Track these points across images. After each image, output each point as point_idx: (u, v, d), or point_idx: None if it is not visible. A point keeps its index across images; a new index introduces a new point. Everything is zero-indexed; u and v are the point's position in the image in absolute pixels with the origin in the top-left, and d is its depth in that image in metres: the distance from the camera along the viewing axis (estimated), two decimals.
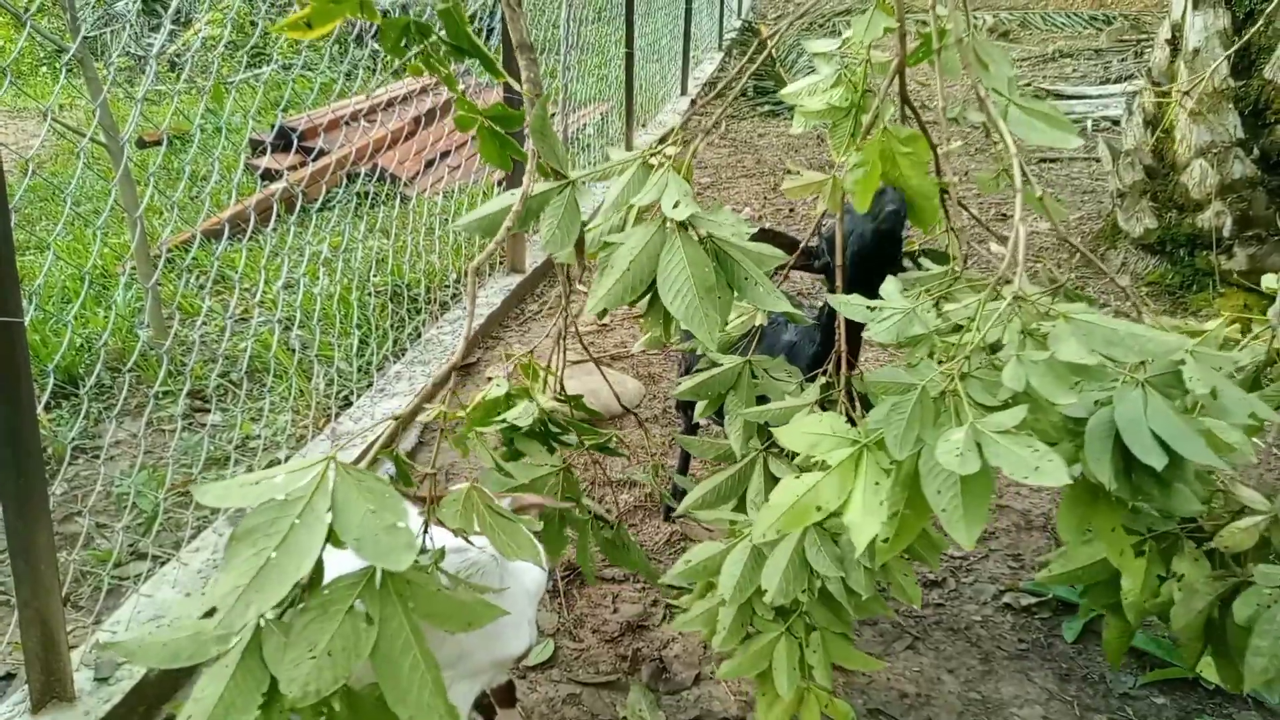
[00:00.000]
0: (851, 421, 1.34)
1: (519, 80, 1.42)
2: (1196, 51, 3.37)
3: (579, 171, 1.45)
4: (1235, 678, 1.50)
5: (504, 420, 1.60)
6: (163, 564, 1.99)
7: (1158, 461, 1.15)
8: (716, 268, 1.30)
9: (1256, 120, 3.27)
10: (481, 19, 5.10)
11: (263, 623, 0.96)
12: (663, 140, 1.50)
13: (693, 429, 2.17)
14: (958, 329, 1.29)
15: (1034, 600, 2.13)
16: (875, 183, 1.46)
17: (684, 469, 2.31)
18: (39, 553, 1.53)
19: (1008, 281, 1.23)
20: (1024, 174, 1.28)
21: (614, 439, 1.84)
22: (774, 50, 8.65)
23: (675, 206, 1.30)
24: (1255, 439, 1.50)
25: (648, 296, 1.34)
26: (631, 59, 5.75)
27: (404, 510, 0.97)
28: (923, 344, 1.25)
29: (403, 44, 1.12)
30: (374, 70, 4.73)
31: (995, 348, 1.24)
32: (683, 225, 1.29)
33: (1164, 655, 1.92)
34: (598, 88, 6.05)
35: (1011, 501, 2.51)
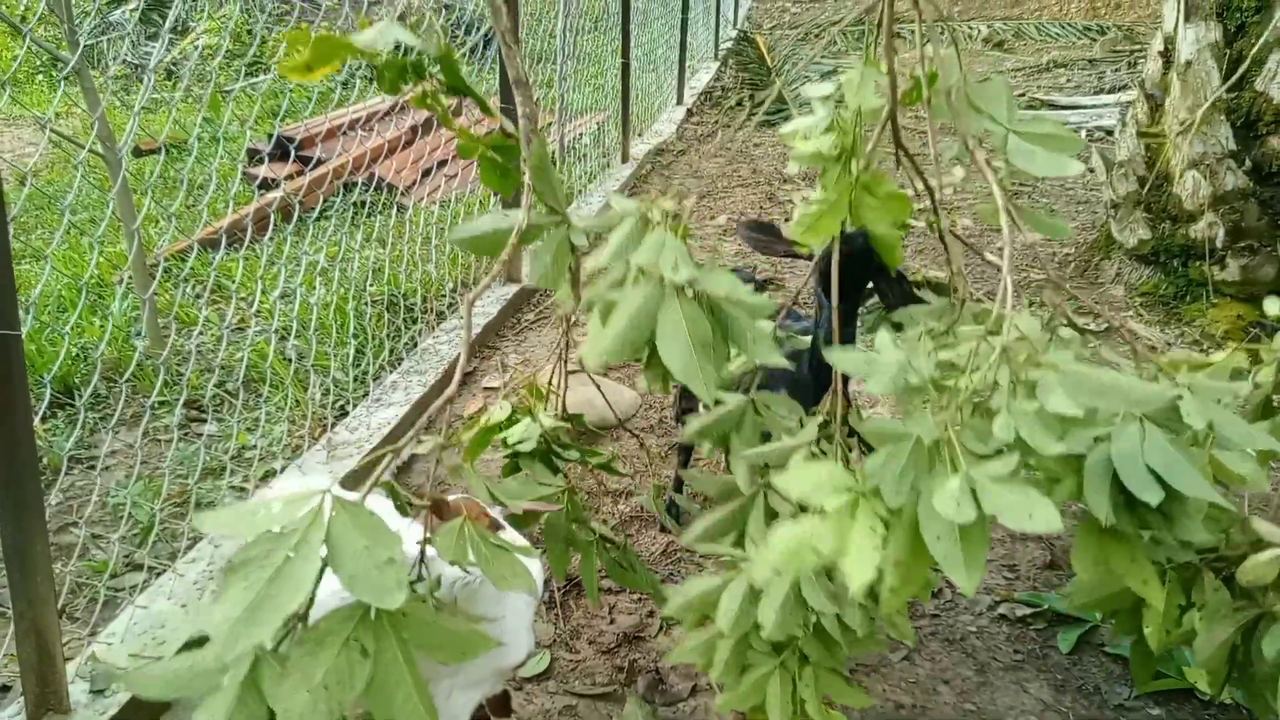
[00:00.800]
0: (850, 459, 1.36)
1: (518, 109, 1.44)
2: (1189, 64, 3.40)
3: (576, 216, 1.46)
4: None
5: (505, 441, 1.62)
6: (159, 575, 1.99)
7: (1153, 497, 1.16)
8: (713, 322, 1.32)
9: (1248, 132, 3.29)
10: (484, 31, 5.12)
11: (260, 654, 0.97)
12: (659, 154, 1.50)
13: (687, 449, 2.19)
14: (952, 375, 1.31)
15: (1029, 611, 2.14)
16: (835, 223, 1.46)
17: (679, 486, 2.33)
18: (35, 564, 1.53)
19: (994, 329, 1.24)
20: (1012, 220, 1.29)
21: (616, 458, 1.85)
22: (770, 60, 8.69)
23: (674, 269, 1.31)
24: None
25: (647, 351, 1.36)
26: (628, 69, 5.77)
27: (398, 545, 0.98)
28: (918, 395, 1.26)
29: (401, 83, 1.13)
30: (370, 80, 4.75)
31: (989, 391, 1.26)
32: (680, 287, 1.31)
33: (1159, 667, 1.93)
34: (594, 97, 6.07)
35: None
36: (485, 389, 3.11)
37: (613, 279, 1.38)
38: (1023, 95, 7.47)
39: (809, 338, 1.81)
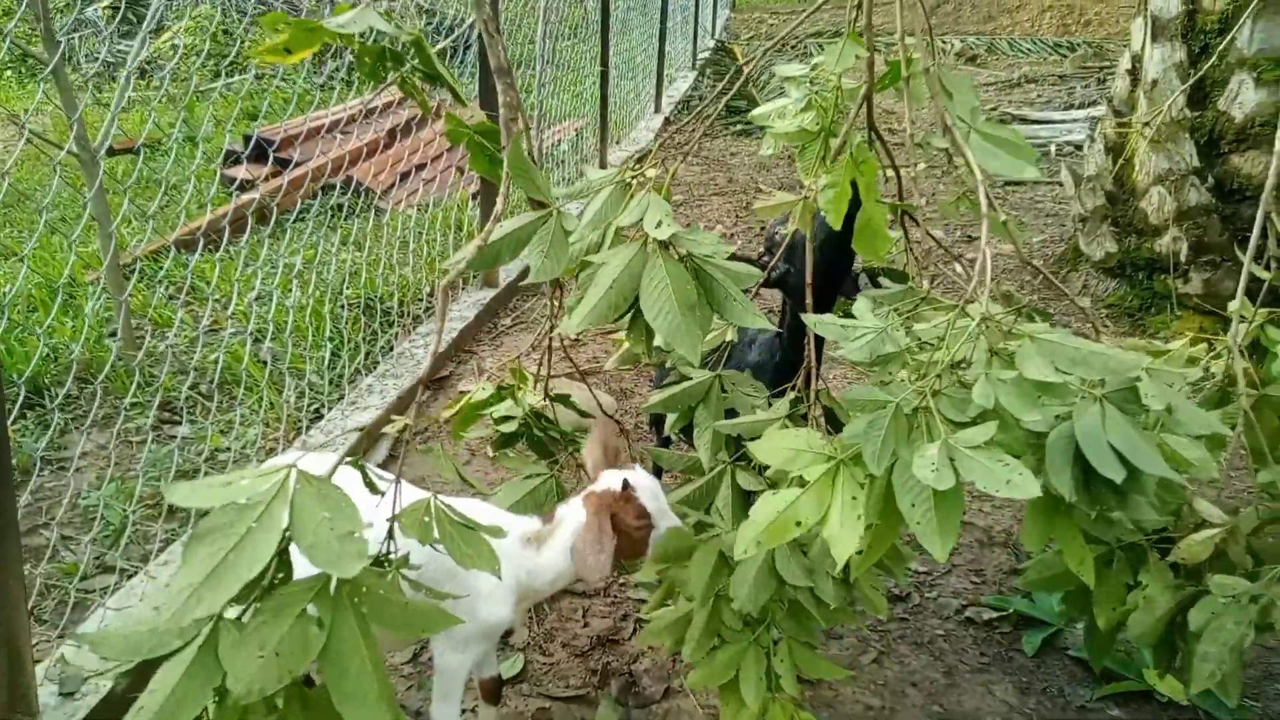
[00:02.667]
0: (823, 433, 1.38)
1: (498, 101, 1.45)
2: (1155, 83, 3.48)
3: (559, 190, 1.48)
4: (1180, 687, 1.56)
5: (493, 418, 1.64)
6: (130, 577, 1.98)
7: (1117, 474, 1.20)
8: (697, 285, 1.34)
9: (1211, 150, 3.38)
10: (463, 35, 5.12)
11: (220, 621, 0.98)
12: (640, 160, 1.54)
13: (664, 443, 2.20)
14: (926, 347, 1.34)
15: (995, 615, 2.18)
16: (846, 202, 1.51)
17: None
18: (6, 567, 1.52)
19: (972, 302, 1.28)
20: (989, 200, 1.33)
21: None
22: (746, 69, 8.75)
23: (658, 226, 1.34)
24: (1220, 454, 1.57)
25: (629, 314, 1.38)
26: (606, 77, 5.81)
27: (359, 519, 1.00)
28: (894, 362, 1.29)
29: (379, 69, 1.15)
30: (349, 83, 4.74)
31: (962, 364, 1.29)
32: (664, 245, 1.33)
33: (1120, 669, 1.97)
34: (573, 104, 6.09)
35: (974, 518, 2.57)
36: (462, 392, 3.11)
37: (589, 243, 1.41)
38: (995, 109, 7.59)
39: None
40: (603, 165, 5.86)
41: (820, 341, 1.56)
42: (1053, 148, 6.36)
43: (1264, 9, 3.16)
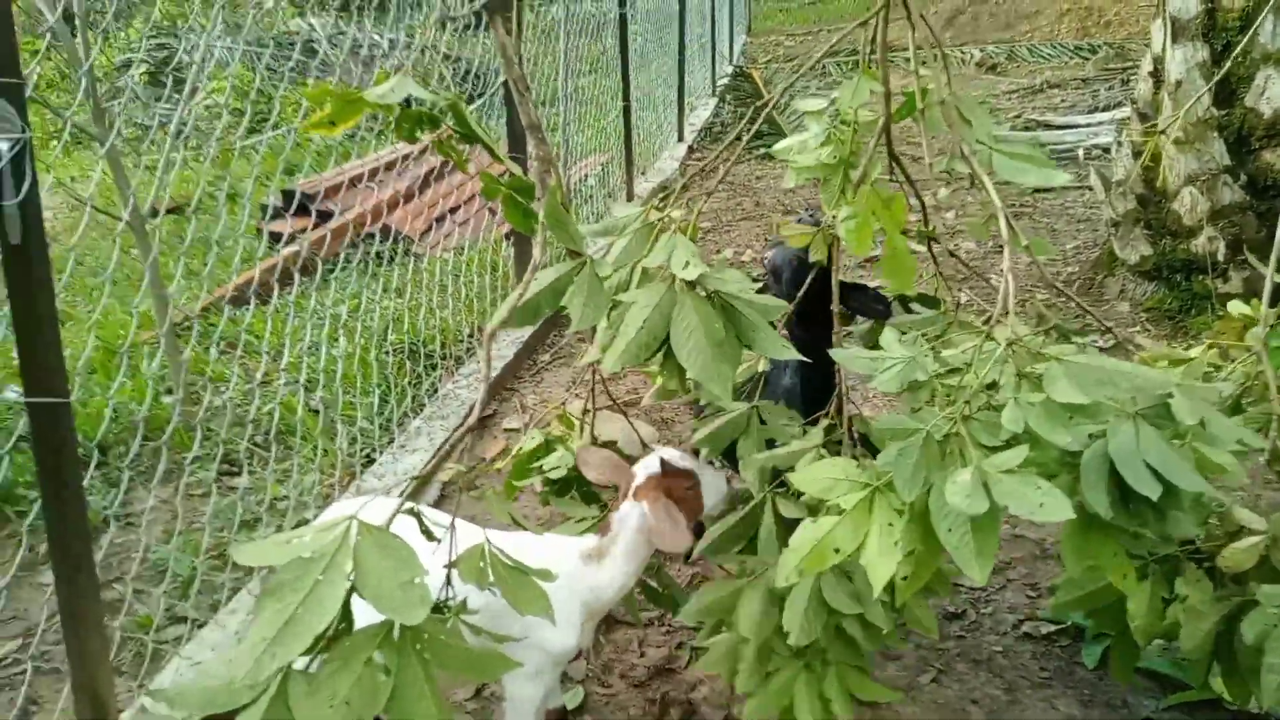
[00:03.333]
0: (858, 461, 1.41)
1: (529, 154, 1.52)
2: (1179, 83, 3.48)
3: (587, 227, 1.54)
4: (1245, 694, 1.55)
5: (542, 470, 1.69)
6: (200, 626, 2.04)
7: (1153, 491, 1.21)
8: (725, 322, 1.38)
9: (1241, 147, 3.36)
10: (488, 83, 5.25)
11: (290, 672, 1.03)
12: (663, 196, 1.59)
13: None
14: (955, 372, 1.36)
15: (1054, 628, 2.17)
16: (869, 232, 1.54)
17: None
18: (89, 625, 1.59)
19: (999, 322, 1.30)
20: (1009, 224, 1.36)
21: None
22: (766, 92, 8.83)
23: (685, 267, 1.38)
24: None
25: (661, 352, 1.43)
26: (629, 111, 5.89)
27: (419, 567, 1.05)
28: (924, 389, 1.32)
29: (416, 132, 1.21)
30: (379, 133, 4.87)
31: (992, 387, 1.31)
32: (691, 284, 1.38)
33: (1185, 678, 1.95)
34: (598, 139, 6.19)
35: (1026, 531, 2.56)
36: (506, 430, 3.17)
37: (618, 282, 1.46)
38: (1018, 117, 7.57)
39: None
40: (630, 198, 5.94)
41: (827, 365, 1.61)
42: (1080, 152, 6.33)
43: None
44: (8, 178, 1.47)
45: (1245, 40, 3.23)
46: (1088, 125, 7.08)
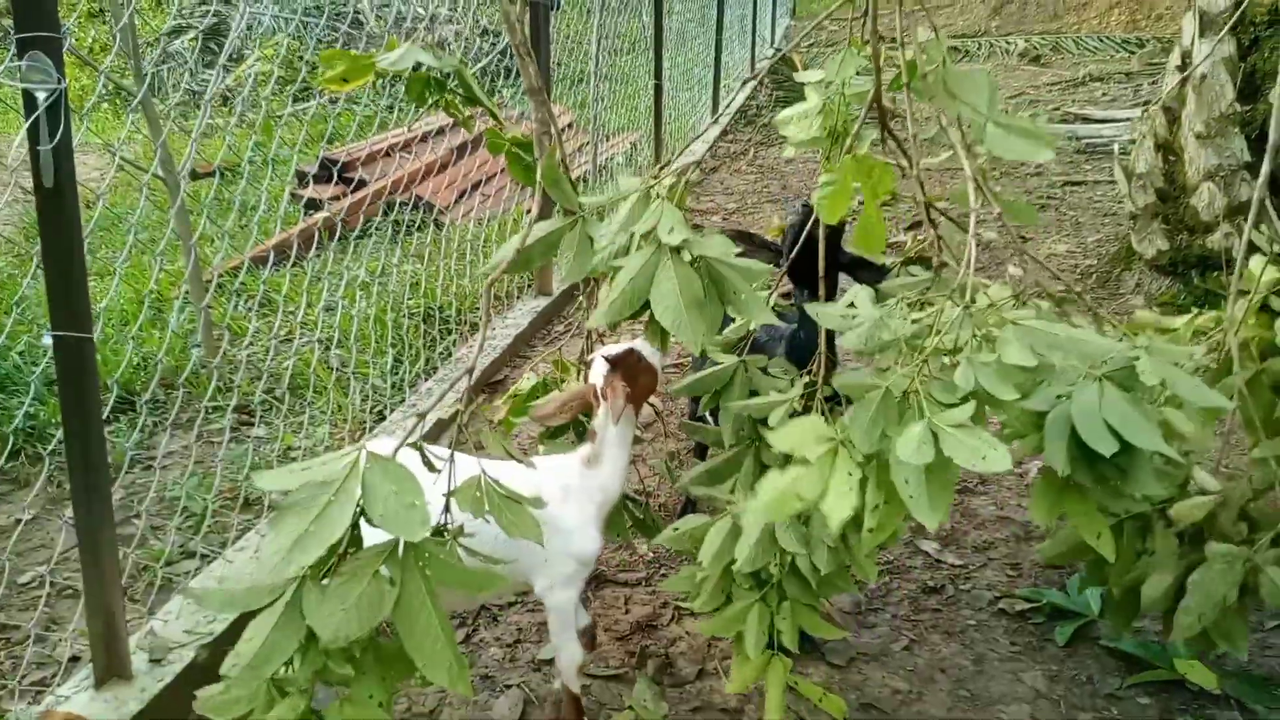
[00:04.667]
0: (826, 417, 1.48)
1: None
2: (1204, 77, 3.46)
3: (588, 199, 1.61)
4: (1212, 676, 1.62)
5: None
6: (210, 562, 2.17)
7: (1107, 448, 1.26)
8: (708, 284, 1.45)
9: (1263, 144, 3.33)
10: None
11: (305, 581, 1.14)
12: (661, 167, 1.66)
13: (704, 446, 2.32)
14: (924, 334, 1.42)
15: (1029, 606, 2.22)
16: (846, 200, 1.60)
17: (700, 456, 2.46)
18: (103, 548, 1.71)
19: (962, 285, 1.36)
20: (980, 189, 1.41)
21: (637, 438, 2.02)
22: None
23: (670, 232, 1.46)
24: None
25: (649, 311, 1.51)
26: (660, 90, 5.94)
27: (421, 491, 1.16)
28: (891, 349, 1.38)
29: (425, 94, 1.30)
30: (414, 105, 4.97)
31: (957, 350, 1.37)
32: (675, 249, 1.45)
33: (1150, 658, 2.00)
34: (629, 117, 6.25)
35: (1012, 514, 2.60)
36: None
37: (618, 247, 1.54)
38: (1057, 109, 7.49)
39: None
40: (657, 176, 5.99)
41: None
42: (1116, 146, 6.26)
43: None
44: (44, 125, 1.58)
45: (1273, 36, 3.20)
46: (1127, 120, 6.99)
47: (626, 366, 1.67)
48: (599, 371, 1.70)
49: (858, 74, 1.72)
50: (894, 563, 2.41)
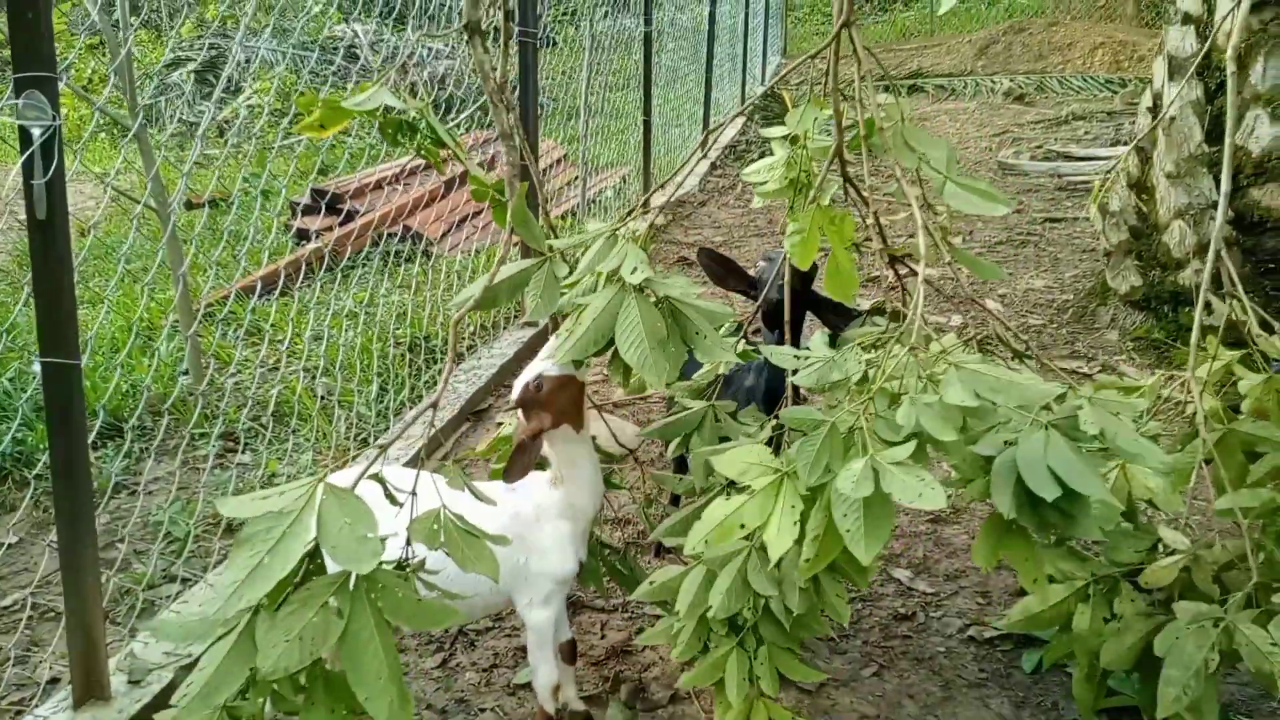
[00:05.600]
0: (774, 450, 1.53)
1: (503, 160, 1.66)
2: (1173, 120, 3.56)
3: (560, 240, 1.68)
4: (1152, 704, 1.64)
5: None
6: (191, 586, 2.20)
7: (1049, 493, 1.31)
8: (671, 323, 1.51)
9: (1231, 183, 3.43)
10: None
11: (259, 610, 1.17)
12: (630, 212, 1.72)
13: (682, 468, 2.37)
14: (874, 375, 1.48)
15: (996, 634, 2.26)
16: (814, 246, 1.67)
17: (676, 502, 2.50)
18: (85, 568, 1.75)
19: (909, 330, 1.42)
20: (930, 236, 1.48)
21: (614, 471, 2.06)
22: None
23: (633, 272, 1.52)
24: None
25: (613, 349, 1.56)
26: (649, 126, 6.05)
27: (375, 524, 1.19)
28: (840, 388, 1.44)
29: (397, 137, 1.36)
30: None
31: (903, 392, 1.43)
32: (639, 288, 1.51)
33: (1113, 684, 2.03)
34: (620, 151, 6.36)
35: None
36: (499, 423, 3.31)
37: (585, 286, 1.60)
38: (1040, 147, 7.63)
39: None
40: (646, 211, 6.09)
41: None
42: (1096, 184, 6.38)
43: (1275, 46, 3.23)
44: (38, 160, 1.64)
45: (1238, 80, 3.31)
46: (1107, 158, 7.12)
47: (531, 402, 1.63)
48: (519, 415, 1.68)
49: (819, 132, 1.81)
50: (867, 590, 2.45)
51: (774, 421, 1.76)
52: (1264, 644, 1.41)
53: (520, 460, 1.60)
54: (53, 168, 1.65)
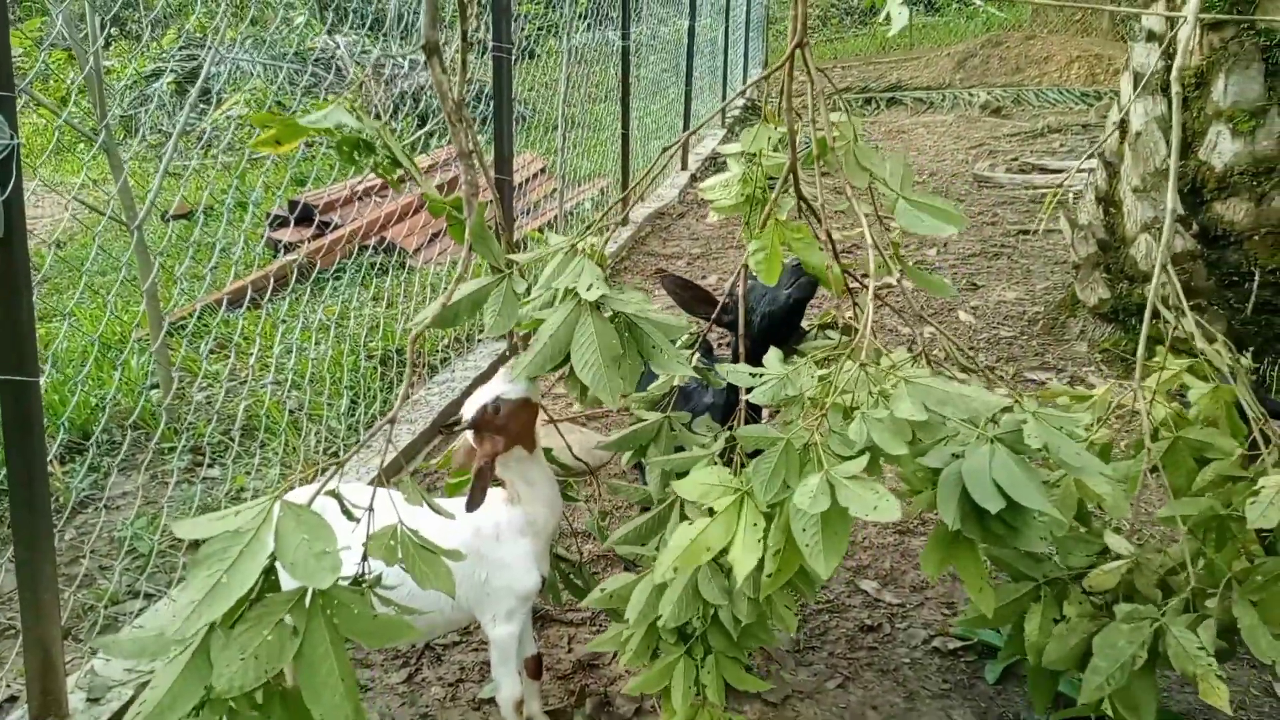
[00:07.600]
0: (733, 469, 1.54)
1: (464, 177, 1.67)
2: (1138, 134, 3.61)
3: (520, 256, 1.69)
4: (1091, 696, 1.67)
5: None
6: (155, 601, 2.19)
7: (993, 505, 1.34)
8: (627, 338, 1.52)
9: (1195, 198, 3.48)
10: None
11: (215, 628, 1.17)
12: (589, 227, 1.74)
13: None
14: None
15: (961, 644, 2.28)
16: (777, 262, 1.69)
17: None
18: (43, 584, 1.74)
19: (859, 346, 1.44)
20: (880, 254, 1.50)
21: (572, 485, 2.07)
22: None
23: (589, 289, 1.53)
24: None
25: (568, 365, 1.57)
26: (627, 138, 6.08)
27: (334, 539, 1.19)
28: (795, 405, 1.45)
29: (354, 157, 1.37)
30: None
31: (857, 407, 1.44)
32: (595, 304, 1.52)
33: (1074, 694, 2.05)
34: (600, 163, 6.38)
35: None
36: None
37: (543, 301, 1.61)
38: (1015, 159, 7.71)
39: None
40: (624, 222, 6.11)
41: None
42: (1071, 195, 6.45)
43: (1235, 64, 3.29)
44: None
45: (1200, 96, 3.36)
46: (1082, 170, 7.20)
47: (487, 425, 1.62)
48: (468, 421, 1.65)
49: (774, 149, 1.83)
50: (834, 601, 2.47)
51: (728, 433, 1.78)
52: (1191, 646, 1.44)
53: (481, 485, 1.60)
54: (9, 186, 1.65)
